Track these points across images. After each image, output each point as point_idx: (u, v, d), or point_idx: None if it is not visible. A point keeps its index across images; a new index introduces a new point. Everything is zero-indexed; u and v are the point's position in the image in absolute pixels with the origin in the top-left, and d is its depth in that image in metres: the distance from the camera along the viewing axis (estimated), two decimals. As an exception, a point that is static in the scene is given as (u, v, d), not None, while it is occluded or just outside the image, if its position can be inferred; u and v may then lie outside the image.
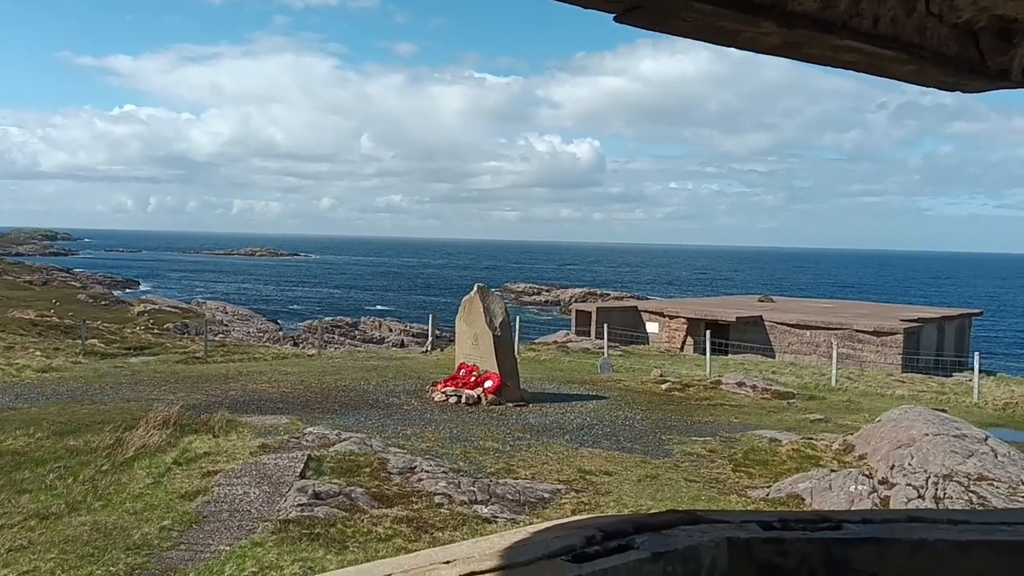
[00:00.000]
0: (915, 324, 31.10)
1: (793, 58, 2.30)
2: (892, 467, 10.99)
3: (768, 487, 11.50)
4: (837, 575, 1.97)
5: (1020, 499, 9.90)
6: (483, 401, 16.86)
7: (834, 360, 23.44)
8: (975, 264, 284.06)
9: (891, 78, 2.60)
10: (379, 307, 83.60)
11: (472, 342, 17.85)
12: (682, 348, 33.58)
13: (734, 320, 32.57)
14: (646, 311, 36.87)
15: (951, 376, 26.03)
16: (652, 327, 35.35)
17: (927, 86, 2.71)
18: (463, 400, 16.84)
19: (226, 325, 56.82)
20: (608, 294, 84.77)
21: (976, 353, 21.61)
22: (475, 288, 18.21)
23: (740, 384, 20.06)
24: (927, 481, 10.16)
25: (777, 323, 32.84)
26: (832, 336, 29.38)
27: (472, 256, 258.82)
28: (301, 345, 41.86)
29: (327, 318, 61.30)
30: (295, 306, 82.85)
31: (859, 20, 2.17)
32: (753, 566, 1.96)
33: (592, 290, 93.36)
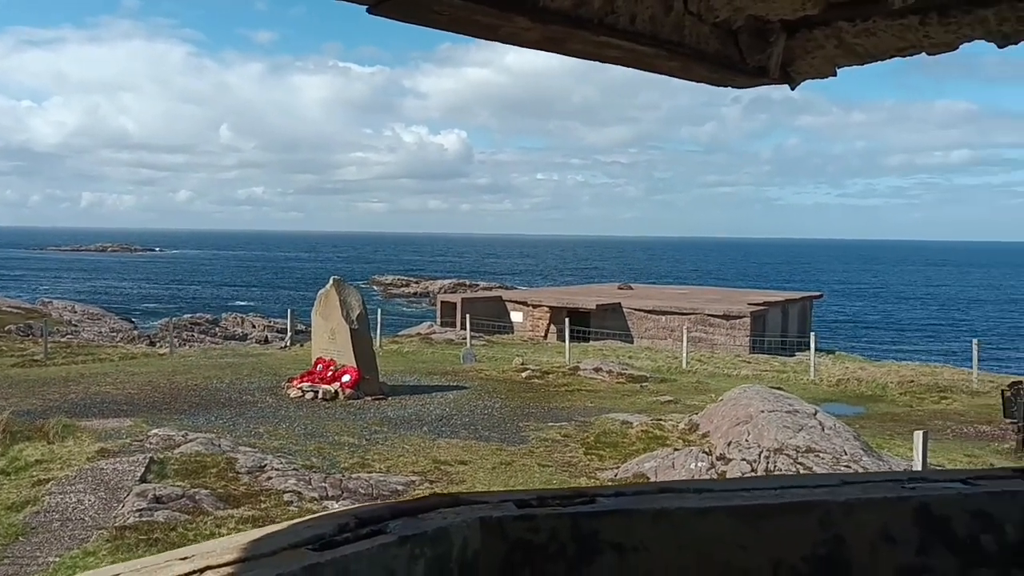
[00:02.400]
0: (761, 307, 32.81)
1: (558, 53, 2.35)
2: (730, 443, 11.59)
3: (617, 468, 11.89)
4: (585, 546, 2.06)
5: (843, 468, 10.63)
6: (341, 396, 16.64)
7: (684, 343, 24.43)
8: (819, 250, 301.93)
9: (658, 73, 2.70)
10: (241, 303, 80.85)
11: (329, 336, 17.58)
12: (545, 336, 34.18)
13: (594, 308, 33.41)
14: (511, 301, 37.32)
15: (793, 356, 27.60)
16: (516, 316, 35.82)
17: (695, 81, 2.84)
18: (320, 395, 16.57)
19: (75, 325, 53.53)
20: (477, 284, 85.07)
21: (812, 333, 23.02)
22: (331, 281, 17.94)
23: (597, 370, 20.62)
24: (760, 455, 10.76)
25: (635, 310, 33.91)
26: (685, 320, 30.60)
27: (338, 249, 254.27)
28: (158, 344, 40.04)
29: (186, 315, 58.81)
30: (151, 304, 79.09)
31: (615, 17, 2.22)
32: (505, 543, 2.02)
33: (461, 281, 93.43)
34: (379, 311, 27.28)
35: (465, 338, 27.58)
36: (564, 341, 25.49)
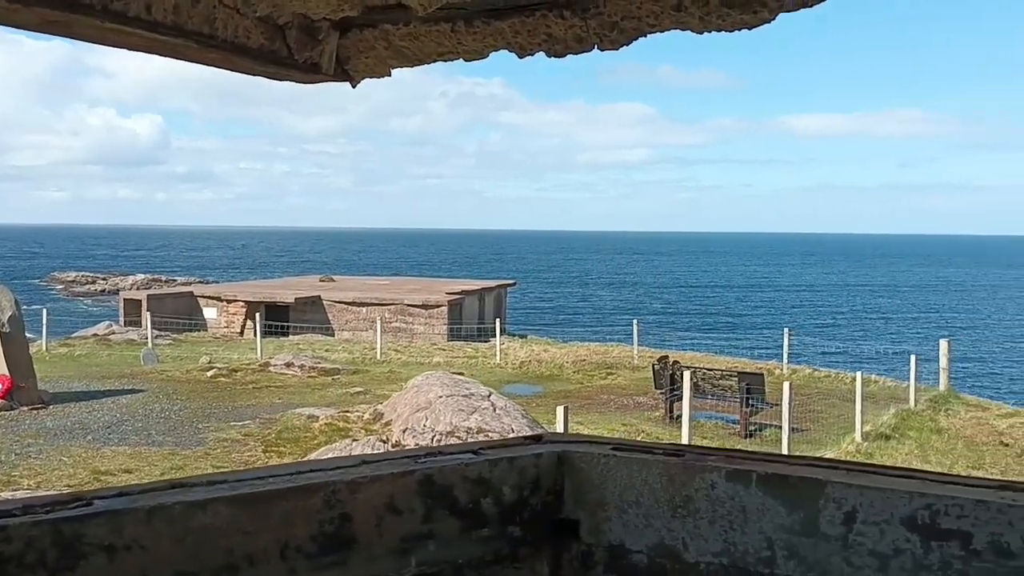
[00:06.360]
0: (458, 296, 33.98)
1: (69, 37, 2.22)
2: (406, 430, 11.91)
3: (296, 463, 11.77)
4: (68, 552, 1.98)
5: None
6: (-11, 408, 14.85)
7: (379, 334, 24.71)
8: (521, 240, 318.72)
9: (198, 63, 2.66)
10: None
11: (-26, 342, 15.60)
12: (242, 332, 32.90)
13: (293, 301, 32.72)
14: (203, 296, 35.44)
15: (488, 342, 28.90)
16: (210, 313, 34.12)
17: (248, 74, 2.83)
18: (-38, 409, 14.67)
19: None
20: (175, 280, 79.82)
21: (498, 320, 24.30)
22: (-25, 280, 15.94)
23: (288, 365, 20.23)
24: (433, 439, 11.17)
25: (336, 302, 33.67)
26: (385, 311, 30.93)
27: (12, 243, 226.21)
28: None
29: None
30: None
31: (123, 4, 2.13)
32: None
33: (156, 276, 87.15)
34: (44, 311, 24.74)
35: (147, 338, 25.80)
36: (263, 336, 24.72)
